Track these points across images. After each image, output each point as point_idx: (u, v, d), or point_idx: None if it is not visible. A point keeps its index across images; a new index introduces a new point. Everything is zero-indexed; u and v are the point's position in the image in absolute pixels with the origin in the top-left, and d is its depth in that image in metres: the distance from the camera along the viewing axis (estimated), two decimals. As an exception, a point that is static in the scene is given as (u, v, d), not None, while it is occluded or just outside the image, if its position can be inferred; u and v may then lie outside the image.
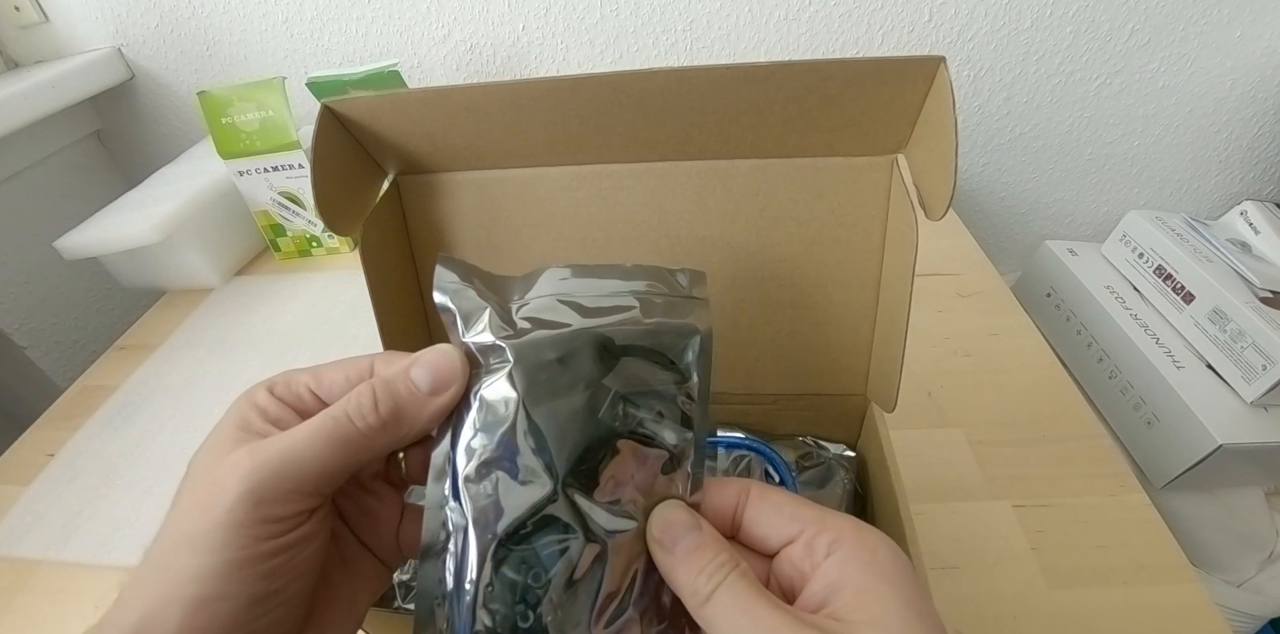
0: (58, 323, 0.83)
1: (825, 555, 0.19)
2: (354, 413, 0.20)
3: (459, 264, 0.24)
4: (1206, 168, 0.88)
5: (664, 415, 0.21)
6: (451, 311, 0.22)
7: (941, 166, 0.25)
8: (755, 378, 0.37)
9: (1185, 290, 0.65)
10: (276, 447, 0.19)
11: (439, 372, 0.21)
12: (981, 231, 0.94)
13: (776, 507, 0.21)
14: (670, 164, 0.32)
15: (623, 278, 0.24)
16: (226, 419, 0.21)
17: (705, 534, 0.20)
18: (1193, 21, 0.75)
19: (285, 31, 0.81)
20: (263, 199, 0.71)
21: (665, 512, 0.21)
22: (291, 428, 0.20)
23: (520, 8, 0.78)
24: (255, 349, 0.62)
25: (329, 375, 0.22)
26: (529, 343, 0.21)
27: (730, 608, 0.18)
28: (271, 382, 0.22)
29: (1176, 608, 0.37)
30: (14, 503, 0.50)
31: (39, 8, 0.81)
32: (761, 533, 0.21)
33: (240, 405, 0.21)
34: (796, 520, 0.20)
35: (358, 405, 0.20)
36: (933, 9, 0.76)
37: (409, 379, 0.20)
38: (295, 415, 0.21)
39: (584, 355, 0.21)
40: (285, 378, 0.22)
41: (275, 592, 0.19)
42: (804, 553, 0.20)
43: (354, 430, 0.20)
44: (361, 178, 0.33)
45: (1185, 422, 0.58)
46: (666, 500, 0.21)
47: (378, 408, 0.20)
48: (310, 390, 0.22)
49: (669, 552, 0.20)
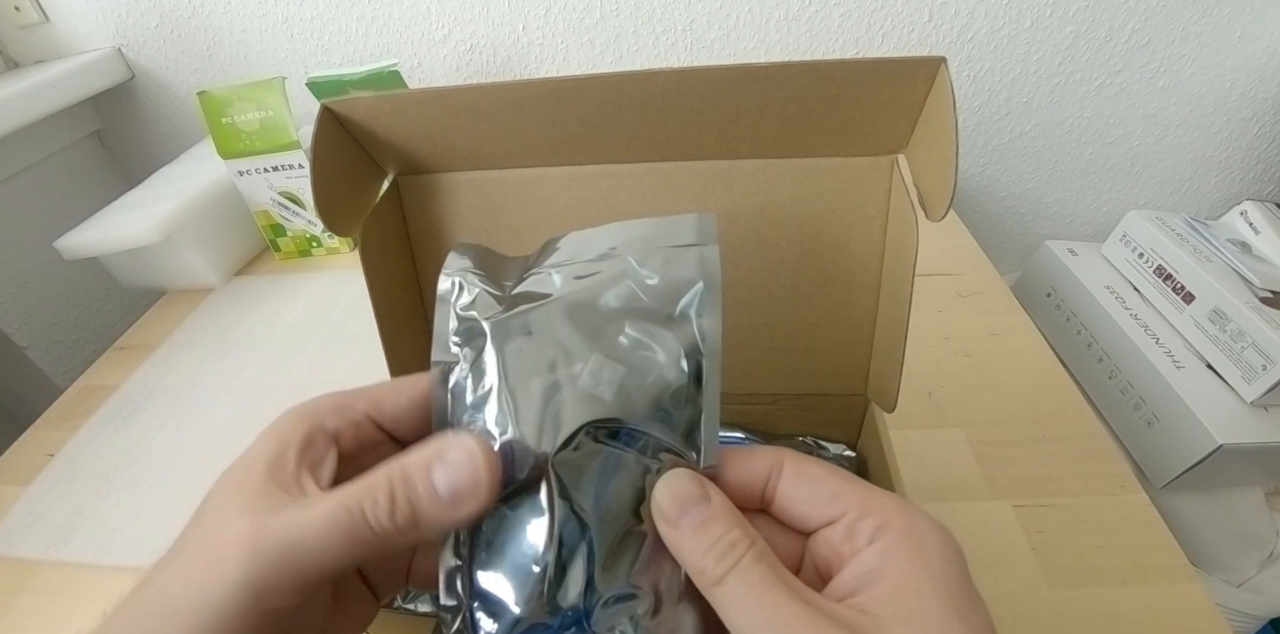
0: (58, 323, 0.83)
1: (868, 542, 0.17)
2: (369, 511, 0.17)
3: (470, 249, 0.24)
4: (1206, 168, 0.88)
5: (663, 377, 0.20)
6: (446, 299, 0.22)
7: (942, 167, 0.25)
8: (755, 378, 0.37)
9: (1185, 290, 0.65)
10: (283, 532, 0.17)
11: (460, 479, 0.18)
12: (981, 231, 0.94)
13: (814, 483, 0.19)
14: (670, 164, 0.32)
15: (621, 235, 0.23)
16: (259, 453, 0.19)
17: (715, 507, 0.18)
18: (1193, 22, 0.75)
19: (285, 31, 0.81)
20: (263, 199, 0.71)
21: (670, 481, 0.18)
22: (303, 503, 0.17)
23: (520, 8, 0.78)
24: (255, 349, 0.62)
25: (391, 401, 0.20)
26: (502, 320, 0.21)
27: (744, 595, 0.17)
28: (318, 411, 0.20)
29: (1176, 608, 0.37)
30: (14, 503, 0.50)
31: (39, 8, 0.81)
32: (798, 512, 0.19)
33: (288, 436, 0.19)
34: (838, 501, 0.18)
35: (373, 505, 0.17)
36: (933, 9, 0.76)
37: (429, 481, 0.18)
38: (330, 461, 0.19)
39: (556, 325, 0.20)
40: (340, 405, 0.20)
41: None
42: (844, 536, 0.18)
43: (368, 530, 0.17)
44: (361, 178, 0.33)
45: (1185, 422, 0.58)
46: (674, 469, 0.19)
47: (394, 514, 0.17)
48: (372, 419, 0.20)
49: (674, 526, 0.18)
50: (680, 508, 0.18)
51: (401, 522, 0.18)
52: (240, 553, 0.16)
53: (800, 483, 0.19)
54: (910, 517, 0.18)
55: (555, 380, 0.20)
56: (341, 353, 0.60)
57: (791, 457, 0.20)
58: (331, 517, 0.17)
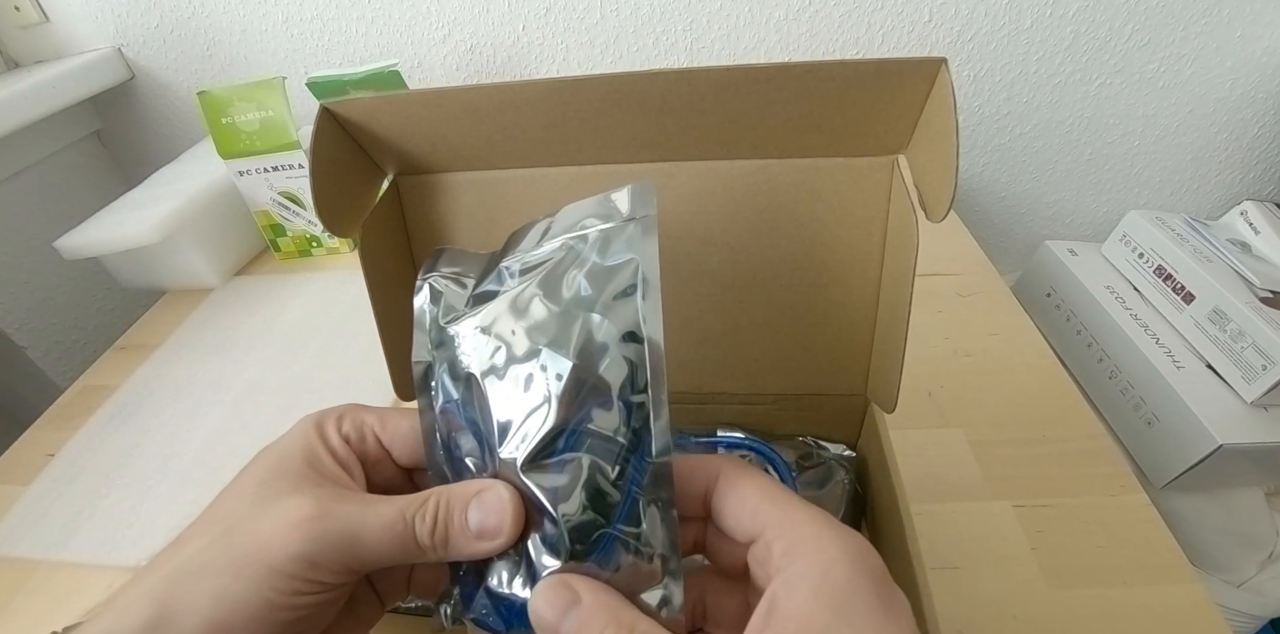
0: (58, 323, 0.83)
1: (778, 569, 0.18)
2: (417, 525, 0.20)
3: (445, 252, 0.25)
4: (1206, 168, 0.88)
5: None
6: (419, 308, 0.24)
7: (943, 169, 0.25)
8: (755, 378, 0.37)
9: (1185, 290, 0.65)
10: (349, 521, 0.20)
11: (488, 520, 0.20)
12: (981, 231, 0.94)
13: (741, 499, 0.20)
14: (670, 164, 0.32)
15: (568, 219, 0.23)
16: (295, 445, 0.22)
17: (586, 607, 0.18)
18: (1193, 21, 0.75)
19: (285, 31, 0.81)
20: (263, 199, 0.71)
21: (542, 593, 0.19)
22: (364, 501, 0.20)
23: (520, 8, 0.78)
24: (255, 349, 0.62)
25: (394, 423, 0.23)
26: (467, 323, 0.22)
27: None
28: (339, 414, 0.23)
29: (1176, 608, 0.37)
30: (14, 503, 0.50)
31: (39, 8, 0.81)
32: (728, 526, 0.20)
33: (309, 435, 0.22)
34: (758, 519, 0.19)
35: (421, 521, 0.20)
36: (933, 9, 0.76)
37: (464, 515, 0.21)
38: (358, 466, 0.22)
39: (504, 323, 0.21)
40: (352, 415, 0.23)
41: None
42: (765, 555, 0.18)
43: (413, 540, 0.20)
44: (360, 179, 0.33)
45: (1185, 422, 0.58)
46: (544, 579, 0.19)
47: (433, 533, 0.20)
48: (375, 436, 0.23)
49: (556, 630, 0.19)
50: (556, 616, 0.19)
51: (436, 541, 0.20)
52: (310, 528, 0.19)
53: (730, 497, 0.20)
54: (820, 541, 0.18)
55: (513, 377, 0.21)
56: (341, 353, 0.60)
57: (729, 468, 0.20)
58: (390, 519, 0.20)
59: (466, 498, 0.21)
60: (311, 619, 0.20)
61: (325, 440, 0.22)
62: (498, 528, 0.20)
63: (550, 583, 0.19)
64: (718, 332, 0.36)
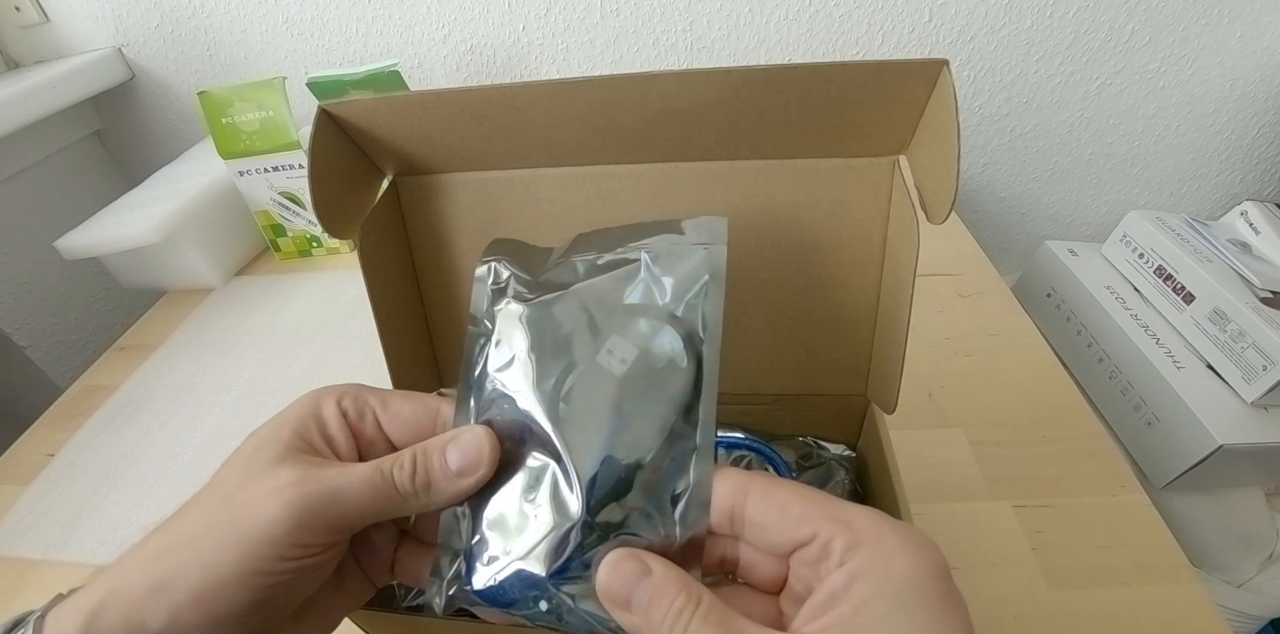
0: (58, 323, 0.83)
1: (838, 564, 0.18)
2: (396, 474, 0.22)
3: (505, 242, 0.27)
4: (1206, 168, 0.88)
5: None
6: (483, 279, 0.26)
7: (944, 171, 0.25)
8: (755, 378, 0.37)
9: (1185, 291, 0.65)
10: (329, 483, 0.21)
11: (467, 458, 0.22)
12: (982, 232, 0.94)
13: (782, 507, 0.19)
14: (670, 165, 0.32)
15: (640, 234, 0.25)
16: (289, 417, 0.23)
17: (657, 577, 0.19)
18: (1193, 22, 0.75)
19: (285, 31, 0.81)
20: (263, 199, 0.71)
21: (611, 565, 0.19)
22: (343, 466, 0.22)
23: (520, 8, 0.78)
24: (255, 349, 0.62)
25: (396, 405, 0.24)
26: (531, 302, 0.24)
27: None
28: (341, 392, 0.23)
29: (1176, 608, 0.37)
30: (14, 503, 0.50)
31: (39, 8, 0.81)
32: (769, 537, 0.20)
33: (306, 409, 0.23)
34: (806, 523, 0.19)
35: (399, 469, 0.22)
36: (933, 9, 0.76)
37: (443, 457, 0.22)
38: (351, 441, 0.23)
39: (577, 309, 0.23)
40: (355, 392, 0.24)
41: (275, 600, 0.21)
42: (819, 555, 0.18)
43: (393, 489, 0.21)
44: (359, 180, 0.33)
45: (1185, 422, 0.58)
46: (612, 552, 0.20)
47: (414, 478, 0.22)
48: (375, 416, 0.24)
49: (626, 608, 0.19)
50: (627, 588, 0.19)
51: (419, 485, 0.22)
52: (290, 494, 0.20)
53: (769, 508, 0.20)
54: (880, 534, 0.18)
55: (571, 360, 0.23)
56: (341, 353, 0.60)
57: (759, 482, 0.20)
58: (367, 474, 0.21)
59: (444, 443, 0.22)
60: (299, 582, 0.21)
61: (319, 414, 0.23)
62: (477, 462, 0.22)
63: (620, 555, 0.19)
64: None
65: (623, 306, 0.23)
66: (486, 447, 0.22)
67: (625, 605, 0.19)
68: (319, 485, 0.20)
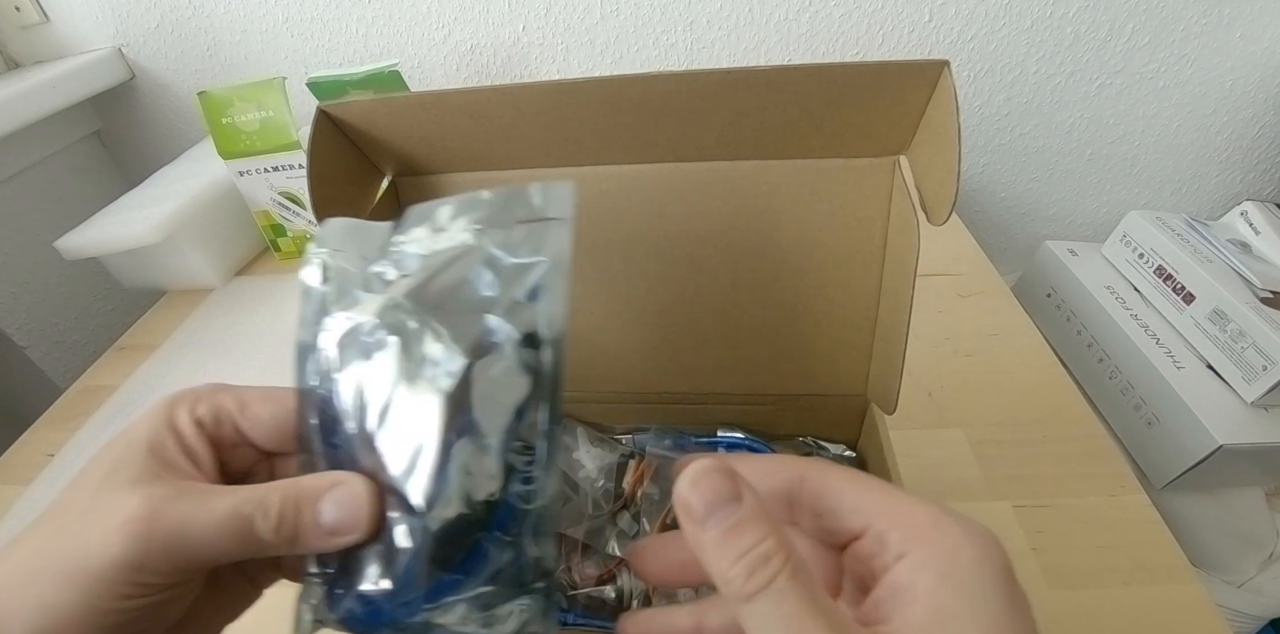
0: (58, 323, 0.83)
1: (896, 558, 0.16)
2: (260, 522, 0.19)
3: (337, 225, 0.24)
4: (1206, 168, 0.88)
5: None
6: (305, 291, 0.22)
7: (944, 172, 0.25)
8: (755, 378, 0.37)
9: (1185, 290, 0.65)
10: (180, 521, 0.18)
11: (343, 517, 0.19)
12: (982, 232, 0.94)
13: (837, 496, 0.18)
14: (670, 166, 0.32)
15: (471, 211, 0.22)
16: (141, 433, 0.20)
17: (747, 509, 0.16)
18: (1193, 22, 0.75)
19: (285, 31, 0.81)
20: (263, 199, 0.71)
21: (696, 473, 0.16)
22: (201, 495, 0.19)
23: (520, 8, 0.78)
24: (255, 349, 0.62)
25: (255, 409, 0.21)
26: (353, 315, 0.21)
27: (776, 620, 0.15)
28: (195, 398, 0.21)
29: (1176, 608, 0.37)
30: (14, 503, 0.50)
31: (39, 8, 0.81)
32: (823, 526, 0.18)
33: (159, 422, 0.20)
34: (861, 513, 0.18)
35: (264, 517, 0.19)
36: (933, 10, 0.76)
37: (315, 511, 0.19)
38: (210, 452, 0.21)
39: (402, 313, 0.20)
40: (210, 398, 0.21)
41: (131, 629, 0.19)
42: (875, 549, 0.17)
43: (254, 536, 0.19)
44: (359, 180, 0.33)
45: (1185, 422, 0.58)
46: (701, 459, 0.17)
47: (279, 529, 0.19)
48: (234, 421, 0.21)
49: (699, 525, 0.16)
50: (708, 506, 0.16)
51: (284, 538, 0.19)
52: (135, 530, 0.18)
53: (823, 496, 0.18)
54: (941, 527, 0.17)
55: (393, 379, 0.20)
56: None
57: (815, 468, 0.19)
58: (226, 517, 0.19)
59: (318, 492, 0.20)
60: (153, 617, 0.19)
61: (174, 426, 0.20)
62: (353, 524, 0.19)
63: (708, 467, 0.16)
64: (718, 332, 0.36)
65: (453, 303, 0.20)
66: (366, 507, 0.19)
67: (700, 524, 0.16)
68: (168, 523, 0.18)
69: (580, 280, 0.36)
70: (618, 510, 0.36)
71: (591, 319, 0.37)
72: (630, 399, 0.39)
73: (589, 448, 0.38)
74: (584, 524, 0.35)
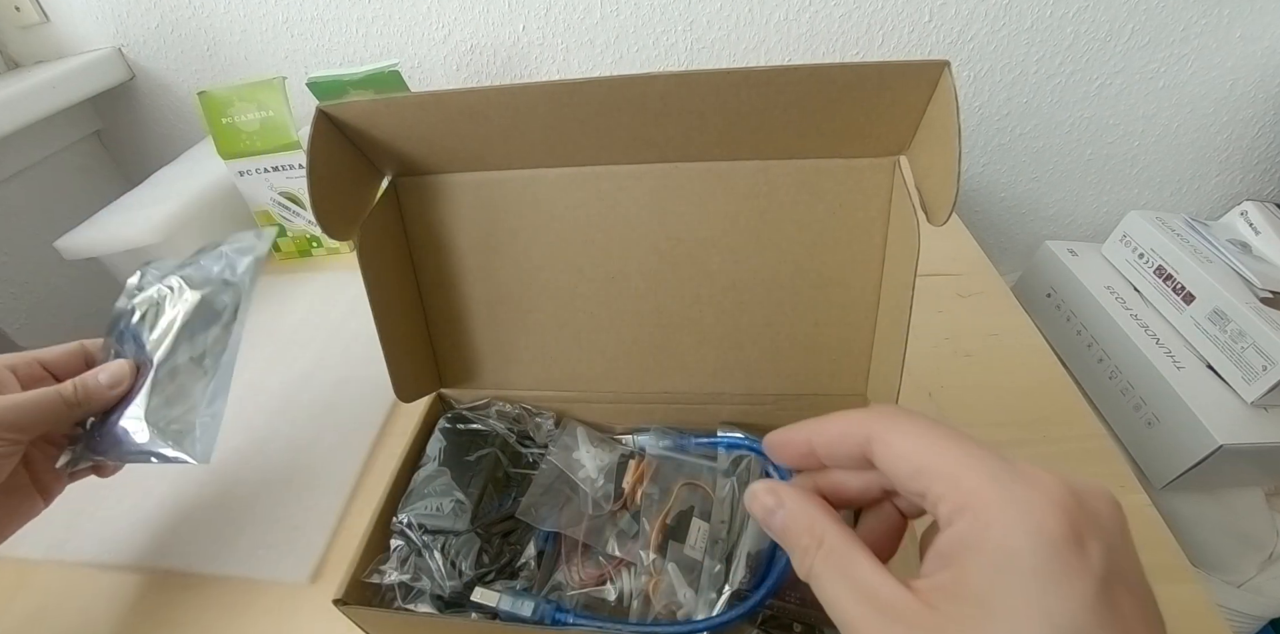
0: (58, 323, 0.83)
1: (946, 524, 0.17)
2: (64, 391, 0.35)
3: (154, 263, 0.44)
4: (1206, 168, 0.88)
5: None
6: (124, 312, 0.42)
7: (944, 172, 0.25)
8: (755, 378, 0.37)
9: (1185, 291, 0.65)
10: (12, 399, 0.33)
11: (114, 376, 0.37)
12: (982, 232, 0.94)
13: (899, 458, 0.19)
14: (671, 166, 0.32)
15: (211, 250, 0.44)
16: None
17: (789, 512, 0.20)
18: (1193, 22, 0.75)
19: (285, 31, 0.81)
20: (263, 199, 0.71)
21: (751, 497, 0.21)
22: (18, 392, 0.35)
23: (520, 8, 0.78)
24: (255, 349, 0.62)
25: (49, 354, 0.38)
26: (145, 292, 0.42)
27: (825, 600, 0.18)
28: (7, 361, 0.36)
29: (1176, 608, 0.37)
30: (14, 503, 0.50)
31: (39, 8, 0.81)
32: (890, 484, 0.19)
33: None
34: (918, 478, 0.18)
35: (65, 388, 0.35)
36: (933, 10, 0.76)
37: (97, 376, 0.36)
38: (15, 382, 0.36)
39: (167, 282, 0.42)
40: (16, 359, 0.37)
41: None
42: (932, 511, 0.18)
43: (60, 403, 0.35)
44: (358, 181, 0.33)
45: (1185, 422, 0.58)
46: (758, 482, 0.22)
47: (77, 392, 0.35)
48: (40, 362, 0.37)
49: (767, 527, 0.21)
50: (764, 517, 0.21)
51: (80, 396, 0.35)
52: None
53: (888, 458, 0.19)
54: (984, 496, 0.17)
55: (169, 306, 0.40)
56: (341, 353, 0.60)
57: (880, 426, 0.19)
58: (38, 393, 0.35)
59: (96, 371, 0.36)
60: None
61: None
62: (121, 377, 0.37)
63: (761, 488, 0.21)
64: (718, 332, 0.36)
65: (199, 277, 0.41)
66: (126, 368, 0.37)
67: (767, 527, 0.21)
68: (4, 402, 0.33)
69: (581, 280, 0.36)
70: (617, 510, 0.36)
71: (592, 319, 0.37)
72: (630, 399, 0.39)
73: (589, 448, 0.38)
74: (584, 524, 0.35)
